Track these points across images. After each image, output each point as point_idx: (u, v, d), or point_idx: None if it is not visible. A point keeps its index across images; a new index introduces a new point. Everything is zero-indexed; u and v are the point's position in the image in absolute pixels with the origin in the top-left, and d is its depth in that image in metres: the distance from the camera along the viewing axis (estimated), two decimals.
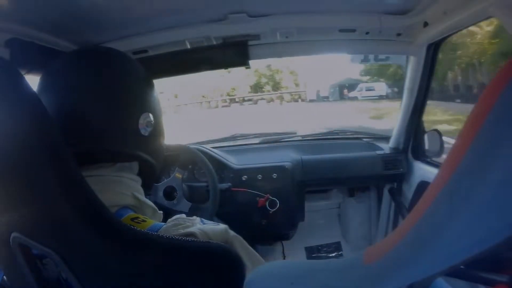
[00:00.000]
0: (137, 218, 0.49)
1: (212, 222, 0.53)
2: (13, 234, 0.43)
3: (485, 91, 0.26)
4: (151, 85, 0.59)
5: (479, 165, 0.25)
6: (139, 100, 0.55)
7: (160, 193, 1.08)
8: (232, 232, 0.53)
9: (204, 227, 0.49)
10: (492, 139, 0.24)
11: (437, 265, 0.28)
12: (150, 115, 0.55)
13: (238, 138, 1.63)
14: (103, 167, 0.53)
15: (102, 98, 0.51)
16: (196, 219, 0.51)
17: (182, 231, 0.47)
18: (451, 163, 0.27)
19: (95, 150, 0.51)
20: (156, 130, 0.57)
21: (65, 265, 0.41)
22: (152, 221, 0.49)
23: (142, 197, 0.55)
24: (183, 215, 0.52)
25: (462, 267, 0.37)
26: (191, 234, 0.47)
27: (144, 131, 0.54)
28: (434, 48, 1.06)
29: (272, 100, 14.97)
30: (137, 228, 0.46)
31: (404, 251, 0.29)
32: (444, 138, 1.07)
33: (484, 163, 0.24)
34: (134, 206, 0.53)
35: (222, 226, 0.52)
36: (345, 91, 13.86)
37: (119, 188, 0.52)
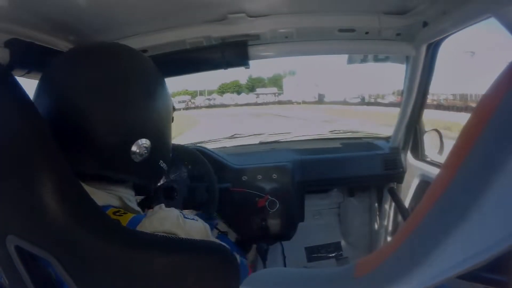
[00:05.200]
0: (118, 211, 0.48)
1: (191, 215, 0.52)
2: (8, 236, 0.43)
3: (487, 94, 0.25)
4: (157, 96, 0.53)
5: (477, 176, 0.24)
6: (136, 123, 0.49)
7: (160, 193, 1.08)
8: (212, 234, 0.53)
9: (185, 225, 0.48)
10: (492, 148, 0.24)
11: (429, 279, 0.27)
12: (146, 141, 0.50)
13: (238, 138, 1.63)
14: (93, 183, 0.50)
15: (90, 119, 0.47)
16: (174, 211, 0.50)
17: (161, 228, 0.46)
18: (447, 173, 0.27)
19: (83, 172, 0.48)
20: (153, 155, 0.52)
21: (61, 266, 0.41)
22: (133, 214, 0.49)
23: (130, 202, 0.53)
24: (162, 205, 0.50)
25: None
26: (172, 233, 0.46)
27: (136, 158, 0.50)
28: (433, 48, 1.06)
29: None
30: (119, 220, 0.46)
31: (395, 264, 0.29)
32: None
33: (482, 174, 0.24)
34: (119, 207, 0.52)
35: (201, 224, 0.51)
36: None
37: (107, 194, 0.51)
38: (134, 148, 0.49)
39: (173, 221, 0.48)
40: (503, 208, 0.24)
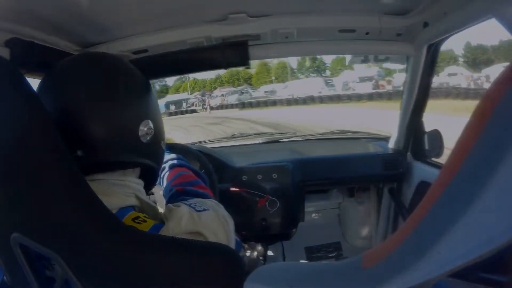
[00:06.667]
0: (137, 218, 0.49)
1: (200, 206, 0.52)
2: (13, 234, 0.43)
3: (487, 93, 0.26)
4: (149, 90, 0.59)
5: (481, 168, 0.24)
6: (139, 108, 0.55)
7: (161, 194, 1.09)
8: (220, 214, 0.54)
9: (201, 220, 0.49)
10: (495, 142, 0.24)
11: (437, 268, 0.28)
12: (150, 122, 0.55)
13: (238, 138, 1.64)
14: (106, 173, 0.53)
15: (101, 107, 0.50)
16: (183, 207, 0.50)
17: (179, 229, 0.46)
18: (452, 166, 0.27)
19: (97, 161, 0.50)
20: (156, 136, 0.57)
21: (66, 265, 0.41)
22: (153, 222, 0.49)
23: (144, 197, 0.55)
24: (170, 206, 0.51)
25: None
26: (197, 232, 0.47)
27: (145, 138, 0.54)
28: (434, 48, 1.06)
29: None
30: (138, 228, 0.46)
31: (404, 255, 0.29)
32: None
33: (486, 166, 0.24)
34: (136, 207, 0.53)
35: (213, 213, 0.52)
36: None
37: (122, 190, 0.52)
38: (141, 128, 0.53)
39: (187, 219, 0.48)
40: (506, 199, 0.24)
